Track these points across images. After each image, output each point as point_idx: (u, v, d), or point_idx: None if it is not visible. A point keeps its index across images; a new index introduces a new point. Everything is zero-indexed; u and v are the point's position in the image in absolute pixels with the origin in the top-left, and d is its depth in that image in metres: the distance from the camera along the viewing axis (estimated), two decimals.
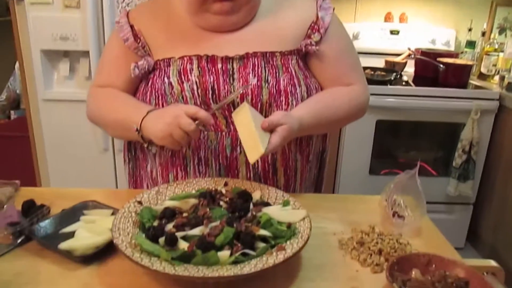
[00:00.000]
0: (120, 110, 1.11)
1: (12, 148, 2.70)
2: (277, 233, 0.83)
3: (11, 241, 0.92)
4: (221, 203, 0.93)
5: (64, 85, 2.41)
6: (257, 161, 1.10)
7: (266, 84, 1.07)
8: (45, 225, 0.95)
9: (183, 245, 0.79)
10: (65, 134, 2.41)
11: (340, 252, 0.92)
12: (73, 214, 1.01)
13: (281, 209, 0.91)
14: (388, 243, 0.91)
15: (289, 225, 0.86)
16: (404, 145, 2.63)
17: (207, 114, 0.97)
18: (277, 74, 1.08)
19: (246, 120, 0.95)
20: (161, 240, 0.80)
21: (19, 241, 0.92)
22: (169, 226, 0.85)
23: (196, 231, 0.82)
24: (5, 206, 1.02)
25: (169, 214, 0.88)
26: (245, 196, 0.94)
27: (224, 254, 0.76)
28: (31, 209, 1.00)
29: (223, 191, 0.98)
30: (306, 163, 1.17)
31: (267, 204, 0.93)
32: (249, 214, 0.88)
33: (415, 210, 1.03)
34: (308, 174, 1.20)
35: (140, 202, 0.94)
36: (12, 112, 2.70)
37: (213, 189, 0.99)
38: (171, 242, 0.79)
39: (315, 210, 1.06)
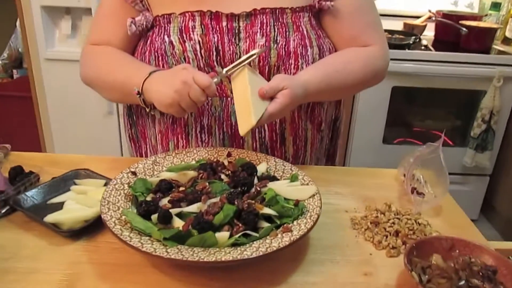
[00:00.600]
0: (119, 70, 1.01)
1: (15, 109, 2.63)
2: (283, 212, 0.74)
3: None
4: (222, 176, 0.84)
5: (66, 44, 2.31)
6: (264, 130, 1.01)
7: (275, 45, 0.96)
8: (32, 195, 0.88)
9: (178, 223, 0.72)
10: (68, 95, 2.33)
11: (353, 233, 0.84)
12: (63, 183, 0.93)
13: (288, 184, 0.83)
14: (406, 223, 0.83)
15: (297, 203, 0.77)
16: (420, 114, 2.51)
17: (215, 90, 0.87)
18: (287, 33, 0.97)
19: (242, 86, 0.85)
20: (154, 217, 0.72)
21: (3, 211, 0.85)
22: (164, 201, 0.77)
23: (193, 208, 0.74)
24: None
25: (165, 187, 0.80)
26: (250, 168, 0.86)
27: (223, 235, 0.68)
28: (18, 177, 0.93)
29: (226, 162, 0.90)
30: (317, 132, 1.08)
31: (273, 179, 0.85)
32: (253, 190, 0.80)
33: (435, 186, 0.94)
34: (319, 144, 1.11)
35: (134, 173, 0.86)
36: (14, 71, 2.61)
37: (215, 160, 0.90)
38: (165, 219, 0.71)
39: (326, 184, 0.97)
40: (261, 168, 0.89)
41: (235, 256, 0.64)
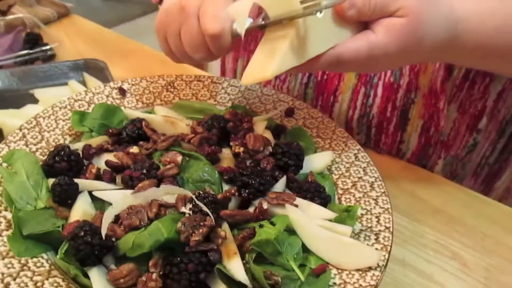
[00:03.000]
0: None
1: None
2: (273, 283, 0.34)
3: None
4: (226, 152, 0.45)
5: None
6: (375, 92, 0.56)
7: None
8: (19, 75, 0.64)
9: (79, 211, 0.38)
10: None
11: None
12: (68, 71, 0.66)
13: (328, 224, 0.39)
14: None
15: (319, 271, 0.35)
16: None
17: (227, 43, 0.41)
18: None
19: None
20: (52, 181, 0.39)
21: None
22: (104, 158, 0.43)
23: (116, 195, 0.38)
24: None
25: (131, 134, 0.46)
26: (287, 155, 0.44)
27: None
28: (25, 45, 0.69)
29: (260, 127, 0.49)
30: (469, 130, 0.57)
31: (317, 194, 0.42)
32: (258, 202, 0.40)
33: None
34: (467, 151, 0.60)
35: (122, 91, 0.53)
36: None
37: (245, 115, 0.51)
38: (61, 195, 0.38)
39: (448, 228, 0.51)
40: (318, 162, 0.47)
41: None
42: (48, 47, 0.69)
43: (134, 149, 0.43)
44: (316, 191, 0.42)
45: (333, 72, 0.58)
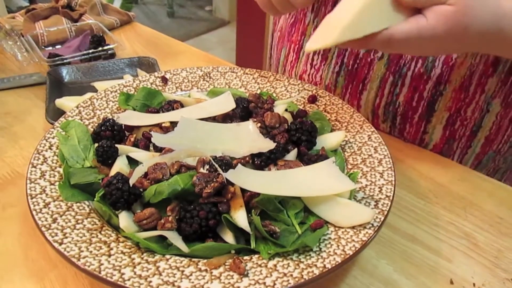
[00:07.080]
0: None
1: None
2: (268, 232, 0.39)
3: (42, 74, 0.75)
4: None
5: None
6: (403, 82, 0.59)
7: None
8: (82, 69, 0.74)
9: (118, 169, 0.45)
10: None
11: None
12: (124, 66, 0.76)
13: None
14: None
15: (316, 226, 0.40)
16: None
17: None
18: None
19: None
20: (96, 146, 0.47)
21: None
22: (142, 131, 0.50)
23: (142, 156, 0.46)
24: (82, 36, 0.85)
25: (167, 112, 0.53)
26: (300, 131, 0.49)
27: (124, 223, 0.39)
28: (93, 45, 0.80)
29: (280, 108, 0.55)
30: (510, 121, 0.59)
31: (320, 158, 0.46)
32: (270, 167, 0.45)
33: None
34: (507, 146, 0.61)
35: (164, 79, 0.61)
36: None
37: (264, 98, 0.56)
38: (103, 155, 0.45)
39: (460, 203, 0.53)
40: (330, 139, 0.51)
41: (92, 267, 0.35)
42: (108, 47, 0.79)
43: (166, 123, 0.50)
44: (319, 156, 0.46)
45: (363, 62, 0.62)
